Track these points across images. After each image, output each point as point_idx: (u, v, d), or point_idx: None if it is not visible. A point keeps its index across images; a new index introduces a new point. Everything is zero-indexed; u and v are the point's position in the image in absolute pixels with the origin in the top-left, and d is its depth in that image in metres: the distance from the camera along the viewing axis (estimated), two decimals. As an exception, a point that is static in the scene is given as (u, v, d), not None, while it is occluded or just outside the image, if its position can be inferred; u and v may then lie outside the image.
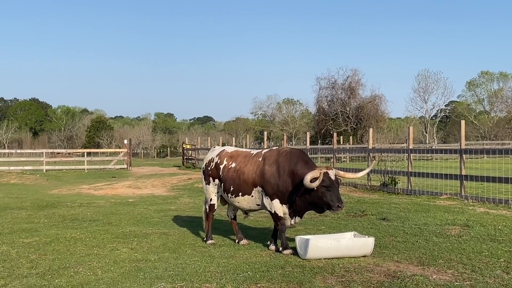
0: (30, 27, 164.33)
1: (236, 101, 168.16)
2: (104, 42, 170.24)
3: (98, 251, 7.92)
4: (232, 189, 8.12)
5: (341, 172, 7.60)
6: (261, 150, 8.35)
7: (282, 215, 7.64)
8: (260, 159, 7.93)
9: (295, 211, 7.62)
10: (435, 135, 70.97)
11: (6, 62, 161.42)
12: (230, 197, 8.20)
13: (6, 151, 45.38)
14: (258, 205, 7.97)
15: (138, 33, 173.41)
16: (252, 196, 7.93)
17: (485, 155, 25.04)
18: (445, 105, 77.05)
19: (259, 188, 7.82)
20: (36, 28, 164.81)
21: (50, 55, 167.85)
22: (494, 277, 5.99)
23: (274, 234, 8.01)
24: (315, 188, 7.06)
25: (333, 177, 7.18)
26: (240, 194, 8.03)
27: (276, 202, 7.64)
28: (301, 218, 7.76)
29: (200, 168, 9.09)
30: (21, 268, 6.95)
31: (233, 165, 8.22)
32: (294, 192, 7.48)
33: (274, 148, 8.19)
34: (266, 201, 7.74)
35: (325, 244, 7.03)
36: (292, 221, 7.69)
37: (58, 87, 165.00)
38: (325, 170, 7.17)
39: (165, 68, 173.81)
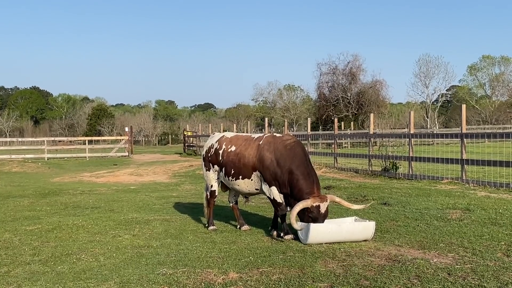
0: (30, 15, 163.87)
1: (237, 88, 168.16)
2: (104, 29, 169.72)
3: (100, 238, 7.95)
4: (232, 172, 8.13)
5: (337, 199, 7.55)
6: (263, 134, 8.33)
7: (281, 201, 7.66)
8: (261, 143, 7.91)
9: (287, 203, 7.68)
10: (436, 120, 70.91)
11: (6, 51, 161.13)
12: (230, 180, 8.21)
13: (8, 139, 45.48)
14: (257, 189, 7.99)
15: (138, 20, 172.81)
16: (251, 180, 7.94)
17: (486, 139, 25.05)
18: (446, 90, 76.93)
19: (258, 173, 7.82)
20: (36, 16, 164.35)
21: (50, 43, 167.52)
22: (495, 260, 6.00)
23: (275, 219, 8.03)
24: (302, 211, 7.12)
25: (322, 211, 7.17)
26: (240, 177, 8.05)
27: (274, 189, 7.65)
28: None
29: (201, 155, 9.11)
30: (24, 255, 6.98)
31: (233, 148, 8.22)
32: (288, 189, 7.51)
33: (278, 135, 8.13)
34: (265, 187, 7.76)
35: (326, 228, 7.04)
36: (285, 209, 7.72)
37: (58, 75, 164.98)
38: (318, 203, 7.13)
39: (166, 55, 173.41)
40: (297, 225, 6.99)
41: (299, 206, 7.05)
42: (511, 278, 5.32)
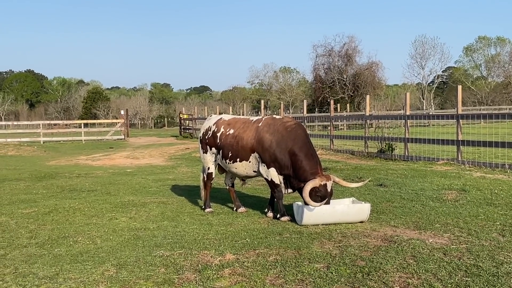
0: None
1: (233, 70, 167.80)
2: (100, 12, 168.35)
3: (97, 221, 7.96)
4: (230, 155, 8.11)
5: (337, 179, 7.52)
6: (261, 116, 8.31)
7: (278, 183, 7.66)
8: (260, 125, 7.88)
9: (288, 185, 7.69)
10: (432, 101, 70.96)
11: (0, 34, 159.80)
12: (228, 163, 8.20)
13: (3, 123, 45.28)
14: (255, 171, 7.97)
15: (133, 2, 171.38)
16: (249, 162, 7.93)
17: (481, 120, 25.07)
18: (442, 71, 77.03)
19: (256, 154, 7.80)
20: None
21: (45, 26, 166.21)
22: (490, 240, 6.04)
23: (271, 201, 8.04)
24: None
25: (329, 189, 7.18)
26: (238, 160, 8.03)
27: (273, 170, 7.64)
28: (293, 191, 7.76)
29: (198, 138, 9.08)
30: (20, 238, 6.98)
31: (231, 131, 8.19)
32: (290, 171, 7.50)
33: (277, 116, 8.11)
34: (263, 168, 7.74)
35: (320, 209, 7.05)
36: (285, 191, 7.73)
37: (53, 58, 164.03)
38: (325, 182, 7.15)
39: (161, 38, 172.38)
40: (315, 204, 6.99)
41: (309, 186, 7.04)
42: (506, 257, 5.35)
